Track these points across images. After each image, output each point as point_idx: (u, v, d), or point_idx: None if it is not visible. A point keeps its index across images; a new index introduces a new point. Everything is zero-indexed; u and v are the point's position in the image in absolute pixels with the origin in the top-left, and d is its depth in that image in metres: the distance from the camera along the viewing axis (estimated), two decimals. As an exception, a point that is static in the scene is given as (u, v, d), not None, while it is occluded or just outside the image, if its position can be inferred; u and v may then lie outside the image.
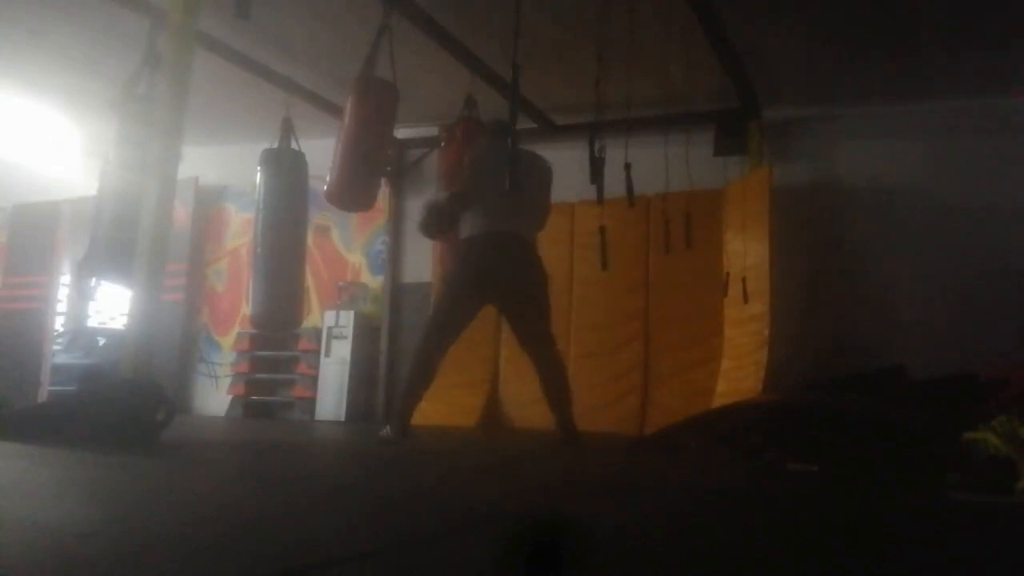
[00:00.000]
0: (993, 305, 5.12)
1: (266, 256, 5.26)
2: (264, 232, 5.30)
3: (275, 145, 5.50)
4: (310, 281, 6.83)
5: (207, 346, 7.67)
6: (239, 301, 7.53)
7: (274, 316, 5.33)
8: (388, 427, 3.89)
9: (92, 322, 9.36)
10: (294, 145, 5.54)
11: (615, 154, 3.98)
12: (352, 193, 4.68)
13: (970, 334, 5.06)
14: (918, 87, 5.50)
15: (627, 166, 4.13)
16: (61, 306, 8.69)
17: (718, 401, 5.18)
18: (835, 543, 1.57)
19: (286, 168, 5.42)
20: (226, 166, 7.49)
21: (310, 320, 6.97)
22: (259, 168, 5.45)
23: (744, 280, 5.01)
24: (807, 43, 5.14)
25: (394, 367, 6.91)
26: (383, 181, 6.53)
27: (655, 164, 4.60)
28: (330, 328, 6.88)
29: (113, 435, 3.10)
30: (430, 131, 6.69)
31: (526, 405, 5.92)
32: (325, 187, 4.68)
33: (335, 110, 6.36)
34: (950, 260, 5.32)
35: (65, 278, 8.32)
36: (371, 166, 4.64)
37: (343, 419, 6.57)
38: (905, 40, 4.98)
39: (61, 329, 8.74)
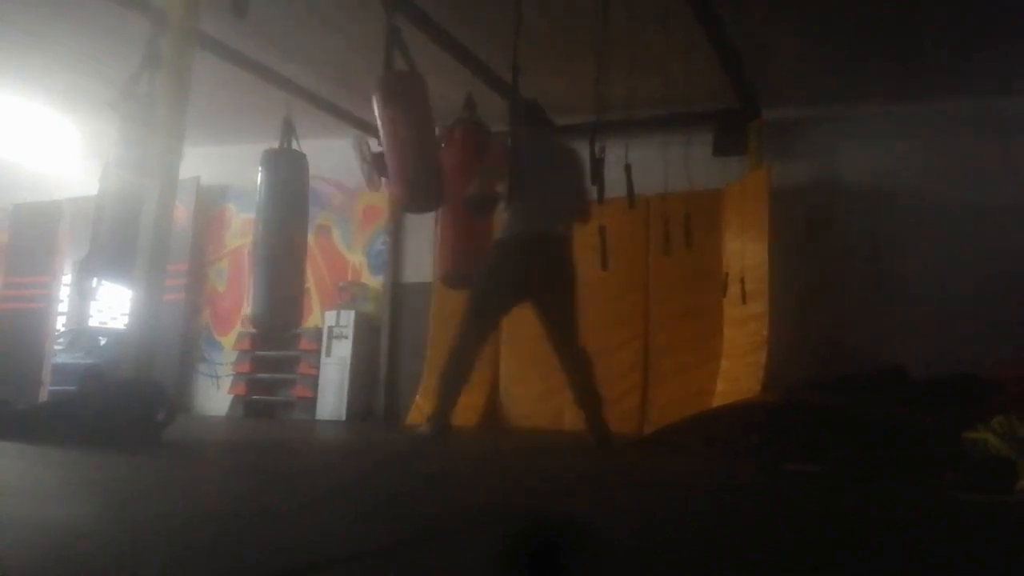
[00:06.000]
0: (993, 305, 5.12)
1: (266, 257, 5.26)
2: (264, 233, 5.30)
3: (276, 145, 5.50)
4: (311, 281, 6.82)
5: (208, 346, 7.68)
6: (240, 301, 7.54)
7: (273, 317, 5.33)
8: (426, 425, 3.89)
9: (93, 322, 9.36)
10: (295, 145, 5.53)
11: (615, 154, 3.99)
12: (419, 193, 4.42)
13: (970, 334, 5.05)
14: (918, 87, 5.50)
15: (627, 167, 4.13)
16: (62, 306, 8.70)
17: (718, 401, 5.17)
18: (835, 543, 1.58)
19: (287, 168, 5.41)
20: (227, 166, 7.50)
21: (311, 320, 6.97)
22: (260, 169, 5.45)
23: (743, 280, 5.01)
24: (807, 43, 5.14)
25: (394, 367, 6.92)
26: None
27: (655, 164, 4.61)
28: (331, 328, 6.89)
29: (114, 435, 3.10)
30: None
31: (526, 405, 5.93)
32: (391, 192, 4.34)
33: (335, 110, 6.37)
34: (950, 260, 5.32)
35: (66, 278, 8.32)
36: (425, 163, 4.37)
37: (343, 419, 6.58)
38: (905, 40, 4.98)
39: (62, 329, 8.75)
